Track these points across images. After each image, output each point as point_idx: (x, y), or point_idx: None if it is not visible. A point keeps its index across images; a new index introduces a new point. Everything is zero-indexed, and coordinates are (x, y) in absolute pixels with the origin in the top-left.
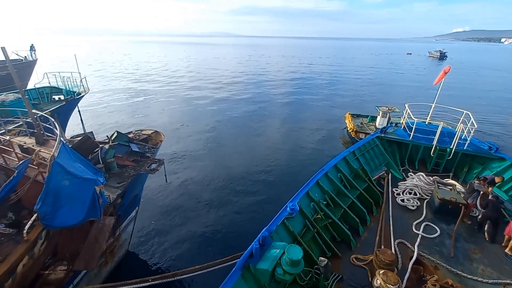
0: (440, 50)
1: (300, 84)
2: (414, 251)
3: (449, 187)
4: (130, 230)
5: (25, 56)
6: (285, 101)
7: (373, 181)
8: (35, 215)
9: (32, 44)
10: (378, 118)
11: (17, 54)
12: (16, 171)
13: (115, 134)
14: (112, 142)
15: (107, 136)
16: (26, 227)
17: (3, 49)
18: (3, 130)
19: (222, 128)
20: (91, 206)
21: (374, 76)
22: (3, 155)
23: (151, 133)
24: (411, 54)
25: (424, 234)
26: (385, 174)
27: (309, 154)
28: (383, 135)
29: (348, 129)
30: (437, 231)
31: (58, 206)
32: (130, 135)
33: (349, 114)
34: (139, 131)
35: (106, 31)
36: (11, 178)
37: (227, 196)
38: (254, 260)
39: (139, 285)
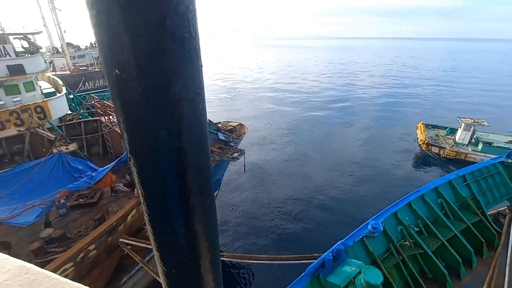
0: None
1: (396, 92)
2: None
3: None
4: None
5: None
6: (376, 112)
7: (488, 216)
8: None
9: None
10: (459, 131)
11: None
12: None
13: (207, 122)
14: None
15: None
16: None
17: None
18: None
19: (304, 132)
20: None
21: (504, 88)
22: None
23: (237, 125)
24: None
25: None
26: (507, 210)
27: (399, 172)
28: (510, 160)
29: (419, 140)
30: None
31: None
32: (219, 125)
33: (422, 123)
34: (227, 122)
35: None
36: None
37: (301, 197)
38: (325, 271)
39: None
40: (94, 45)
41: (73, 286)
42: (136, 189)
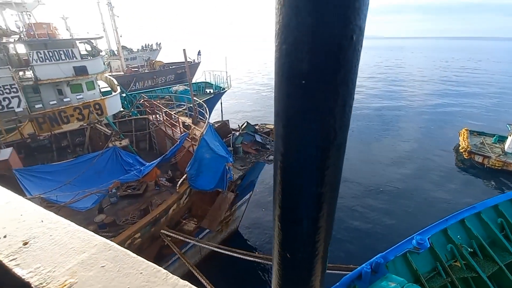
0: None
1: (449, 97)
2: None
3: None
4: (243, 210)
5: (194, 59)
6: (423, 120)
7: None
8: (185, 175)
9: (199, 50)
10: (509, 139)
11: (189, 58)
12: (178, 141)
13: (245, 124)
14: (241, 131)
15: (238, 125)
16: (179, 182)
17: (184, 51)
18: (175, 111)
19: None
20: (221, 178)
21: None
22: (172, 128)
23: (274, 128)
24: None
25: None
26: None
27: (437, 183)
28: None
29: (460, 148)
30: None
31: (199, 172)
32: (256, 127)
33: (465, 130)
34: (264, 125)
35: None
36: (175, 145)
37: (339, 203)
38: (361, 284)
39: (243, 257)
40: (145, 48)
41: (149, 264)
42: (178, 184)
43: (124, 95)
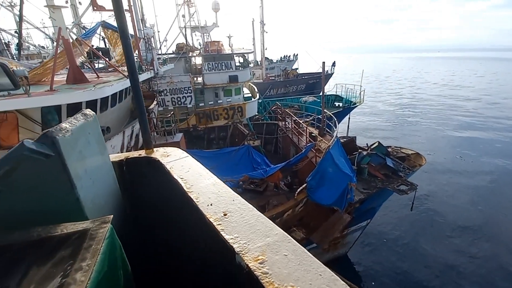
0: None
1: None
2: None
3: None
4: (356, 236)
5: (327, 70)
6: None
7: None
8: (305, 185)
9: (334, 61)
10: None
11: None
12: (303, 150)
13: (376, 144)
14: (370, 151)
15: (367, 143)
16: (298, 190)
17: (323, 64)
18: (303, 120)
19: (509, 178)
20: (340, 196)
21: None
22: (299, 136)
23: (411, 153)
24: None
25: None
26: None
27: None
28: None
29: None
30: None
31: (320, 185)
32: (389, 149)
33: None
34: (399, 148)
35: (396, 48)
36: (300, 153)
37: (475, 265)
38: None
39: None
40: (283, 59)
41: (326, 269)
42: (297, 191)
43: (260, 100)
